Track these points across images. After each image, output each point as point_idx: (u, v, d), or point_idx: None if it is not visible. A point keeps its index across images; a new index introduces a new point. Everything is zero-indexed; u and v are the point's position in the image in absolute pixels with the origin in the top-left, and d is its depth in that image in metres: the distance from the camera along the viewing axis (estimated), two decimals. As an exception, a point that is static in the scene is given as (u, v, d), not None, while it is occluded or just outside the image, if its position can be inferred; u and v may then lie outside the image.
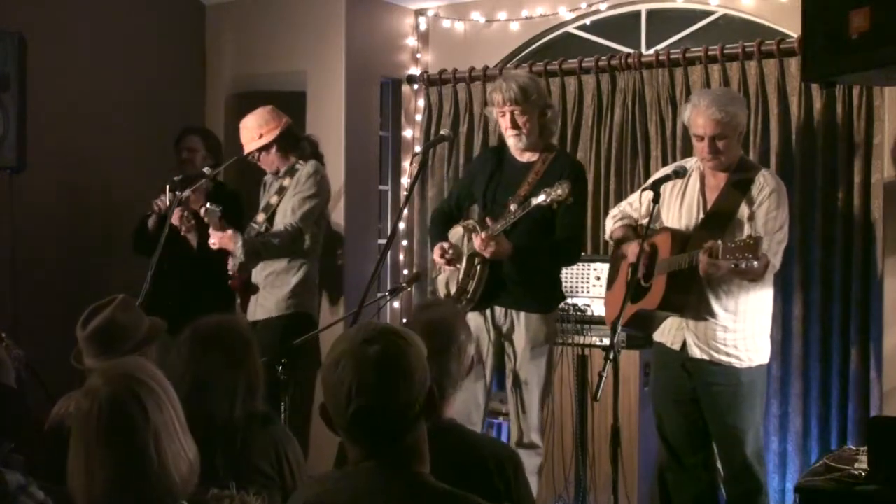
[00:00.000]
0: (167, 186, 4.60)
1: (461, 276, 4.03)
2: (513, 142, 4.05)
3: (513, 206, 3.89)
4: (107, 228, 5.03)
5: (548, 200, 3.78)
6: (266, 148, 4.68)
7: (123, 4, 5.41)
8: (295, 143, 4.75)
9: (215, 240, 4.48)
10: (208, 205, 4.44)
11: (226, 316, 2.81)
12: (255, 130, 4.68)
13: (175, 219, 4.53)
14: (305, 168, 4.68)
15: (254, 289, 4.70)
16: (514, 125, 3.99)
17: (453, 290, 4.06)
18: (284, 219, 4.60)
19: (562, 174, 3.93)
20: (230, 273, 4.64)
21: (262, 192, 4.87)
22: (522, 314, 4.00)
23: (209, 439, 2.52)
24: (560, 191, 3.76)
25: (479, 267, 3.99)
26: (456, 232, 4.18)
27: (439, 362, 2.46)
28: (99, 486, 1.84)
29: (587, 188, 4.52)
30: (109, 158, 5.13)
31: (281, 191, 4.69)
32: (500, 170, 4.12)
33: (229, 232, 4.48)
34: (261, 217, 4.71)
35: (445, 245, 4.11)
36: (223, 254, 4.58)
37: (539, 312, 4.01)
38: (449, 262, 4.09)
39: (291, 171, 4.70)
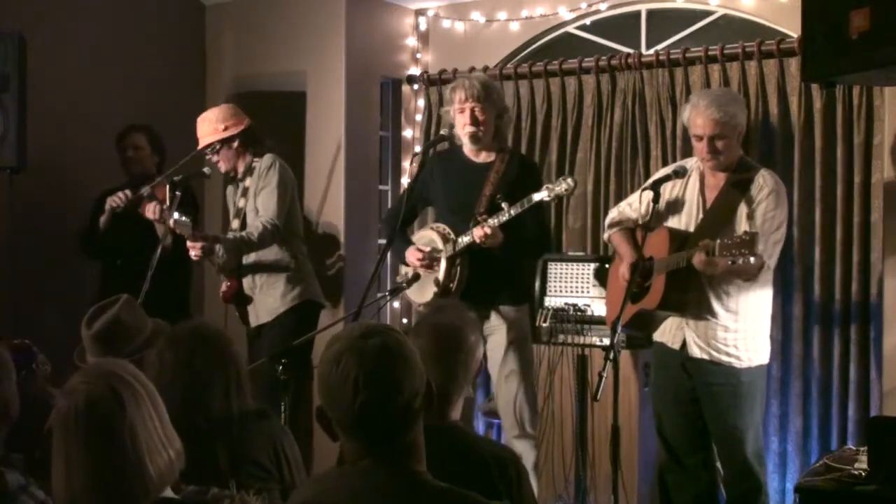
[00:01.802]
0: (167, 186, 4.59)
1: (441, 277, 4.08)
2: (468, 139, 4.12)
3: (504, 205, 3.92)
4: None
5: (551, 196, 3.86)
6: (229, 141, 4.62)
7: (123, 4, 5.41)
8: (255, 141, 4.70)
9: (195, 251, 4.43)
10: (176, 215, 4.39)
11: (197, 319, 2.82)
12: (218, 123, 4.62)
13: (154, 213, 4.50)
14: (263, 162, 4.63)
15: (248, 299, 4.69)
16: (474, 122, 4.07)
17: (429, 295, 4.10)
18: (257, 217, 4.57)
19: (525, 173, 4.08)
20: (223, 283, 4.65)
21: (230, 196, 4.83)
22: (502, 308, 4.10)
23: (210, 436, 2.53)
24: (565, 186, 3.84)
25: (458, 268, 4.06)
26: (423, 236, 4.23)
27: (447, 365, 2.46)
28: (78, 482, 1.86)
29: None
30: (109, 158, 5.12)
31: (245, 192, 4.66)
32: (457, 172, 4.19)
33: (203, 243, 4.48)
34: (235, 223, 4.67)
35: (422, 247, 4.16)
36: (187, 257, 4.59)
37: (515, 305, 4.12)
38: (427, 267, 4.13)
39: (250, 171, 4.67)
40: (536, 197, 3.86)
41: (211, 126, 4.64)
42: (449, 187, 4.21)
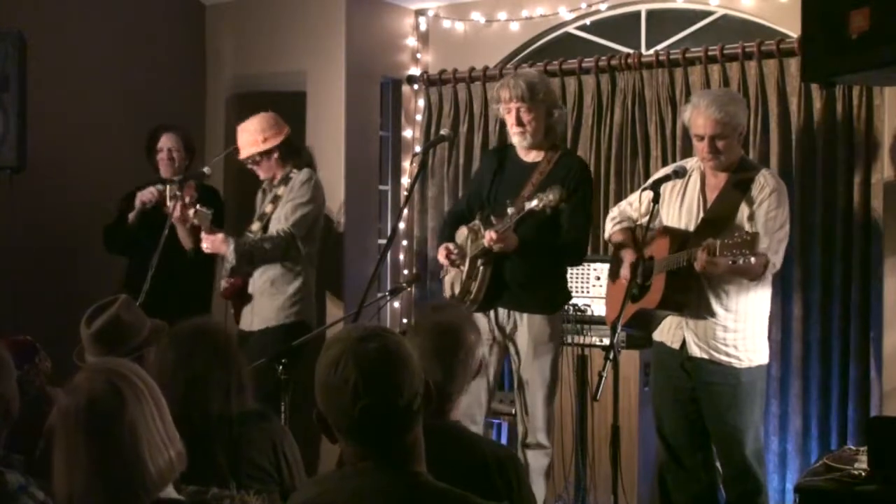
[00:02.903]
0: (167, 187, 4.59)
1: (464, 277, 4.04)
2: (517, 140, 4.04)
3: (510, 210, 3.89)
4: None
5: (540, 206, 3.77)
6: (268, 153, 4.66)
7: (123, 4, 5.41)
8: (294, 152, 4.75)
9: (207, 243, 4.50)
10: (198, 207, 4.41)
11: (201, 318, 2.82)
12: (258, 134, 4.65)
13: (177, 213, 4.50)
14: (299, 176, 4.67)
15: (248, 298, 4.69)
16: (519, 122, 3.98)
17: (458, 290, 4.06)
18: (278, 226, 4.59)
19: (567, 175, 3.93)
20: (223, 280, 4.65)
21: (260, 201, 4.85)
22: (525, 315, 4.00)
23: (208, 436, 2.53)
24: (552, 196, 3.74)
25: (481, 268, 3.99)
26: (461, 233, 4.18)
27: (446, 365, 2.46)
28: (78, 480, 1.86)
29: (592, 189, 4.51)
30: (109, 158, 5.13)
31: (276, 200, 4.67)
32: (504, 169, 4.11)
33: (220, 235, 4.49)
34: (255, 226, 4.69)
35: (451, 246, 4.11)
36: (212, 256, 4.63)
37: (542, 313, 4.00)
38: (452, 264, 4.09)
39: (286, 180, 4.69)
40: (528, 206, 3.80)
41: (251, 137, 4.67)
42: (496, 186, 4.11)
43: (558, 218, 3.94)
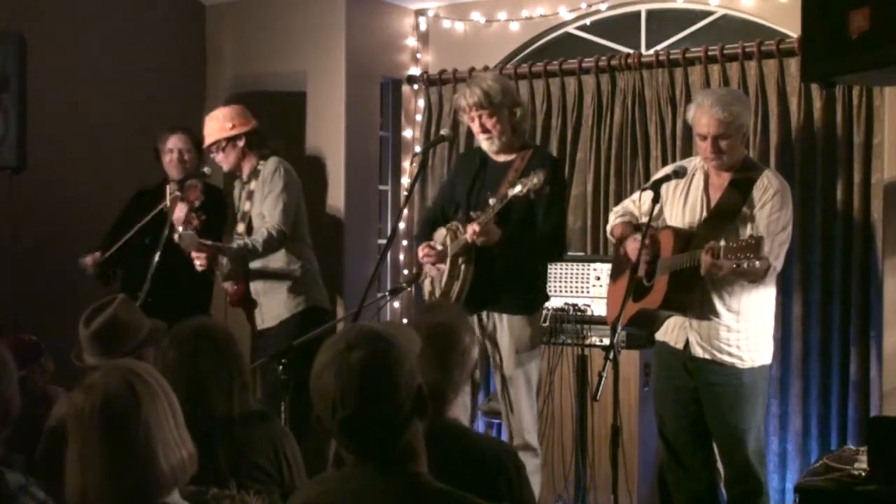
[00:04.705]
0: (168, 188, 4.59)
1: (445, 277, 4.02)
2: (486, 145, 4.04)
3: (492, 201, 3.88)
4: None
5: (524, 191, 3.74)
6: (234, 139, 4.63)
7: (123, 4, 5.42)
8: (262, 143, 4.70)
9: (200, 262, 4.47)
10: (180, 230, 4.37)
11: (202, 318, 2.82)
12: (226, 121, 4.64)
13: (177, 214, 4.49)
14: (267, 166, 4.64)
15: (254, 302, 4.69)
16: (484, 129, 3.98)
17: (438, 292, 4.05)
18: (263, 222, 4.56)
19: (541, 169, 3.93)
20: (226, 286, 4.65)
21: (237, 198, 4.81)
22: (505, 317, 3.98)
23: (210, 436, 2.53)
24: (536, 179, 3.73)
25: (463, 267, 3.96)
26: (439, 233, 4.16)
27: (442, 365, 2.46)
28: (91, 477, 1.87)
29: (565, 183, 4.48)
30: (109, 158, 5.13)
31: (251, 195, 4.66)
32: (482, 171, 4.10)
33: (205, 254, 4.47)
34: (240, 227, 4.67)
35: (431, 243, 4.09)
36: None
37: (522, 314, 3.99)
38: (432, 262, 4.08)
39: (255, 174, 4.67)
40: (511, 192, 3.77)
41: (218, 124, 4.66)
42: (470, 187, 4.10)
43: (534, 216, 3.92)
